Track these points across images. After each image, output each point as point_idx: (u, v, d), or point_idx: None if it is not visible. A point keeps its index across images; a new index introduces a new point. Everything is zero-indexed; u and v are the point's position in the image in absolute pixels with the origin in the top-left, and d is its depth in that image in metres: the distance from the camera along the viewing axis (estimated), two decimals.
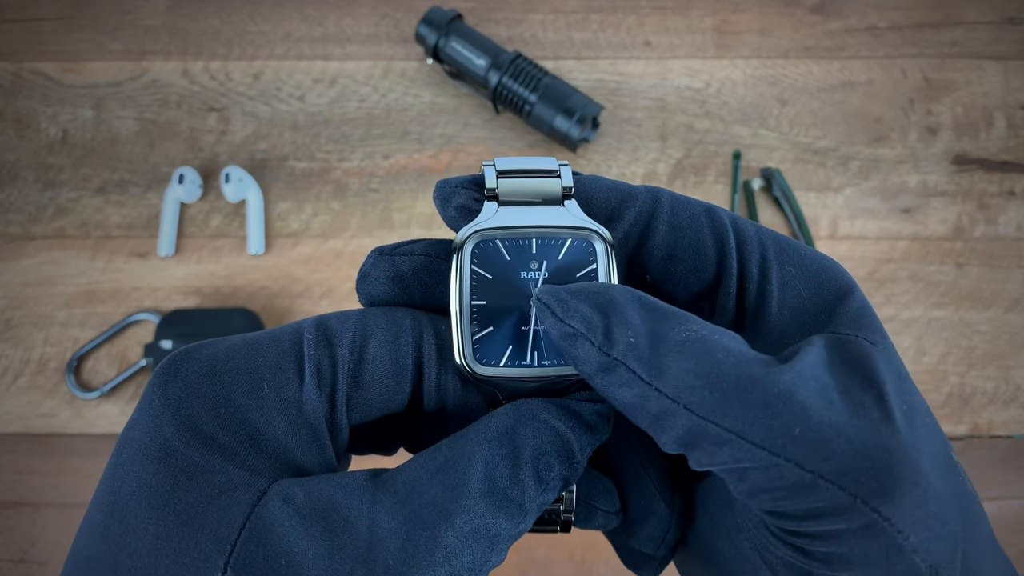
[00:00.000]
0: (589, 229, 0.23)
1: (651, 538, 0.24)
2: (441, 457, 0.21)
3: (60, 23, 0.81)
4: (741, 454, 0.19)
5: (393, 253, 0.24)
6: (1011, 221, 0.75)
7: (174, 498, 0.19)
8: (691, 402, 0.19)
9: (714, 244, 0.23)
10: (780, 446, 0.18)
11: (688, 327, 0.20)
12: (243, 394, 0.21)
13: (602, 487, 0.24)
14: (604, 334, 0.20)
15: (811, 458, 0.18)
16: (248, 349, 0.21)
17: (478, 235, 0.23)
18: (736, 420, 0.19)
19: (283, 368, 0.21)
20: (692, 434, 0.19)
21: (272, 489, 0.20)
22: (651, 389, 0.19)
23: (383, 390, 0.22)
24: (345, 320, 0.22)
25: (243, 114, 0.78)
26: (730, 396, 0.19)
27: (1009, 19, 0.80)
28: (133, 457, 0.20)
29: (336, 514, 0.19)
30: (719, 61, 0.79)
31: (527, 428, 0.21)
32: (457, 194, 0.24)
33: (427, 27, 0.75)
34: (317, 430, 0.21)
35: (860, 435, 0.18)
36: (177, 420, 0.20)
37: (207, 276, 0.74)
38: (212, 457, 0.20)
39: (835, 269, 0.23)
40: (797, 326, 0.23)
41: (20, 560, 0.69)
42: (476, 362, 0.23)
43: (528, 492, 0.20)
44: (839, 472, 0.18)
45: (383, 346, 0.22)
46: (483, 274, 0.23)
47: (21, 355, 0.72)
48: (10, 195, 0.76)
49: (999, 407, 0.71)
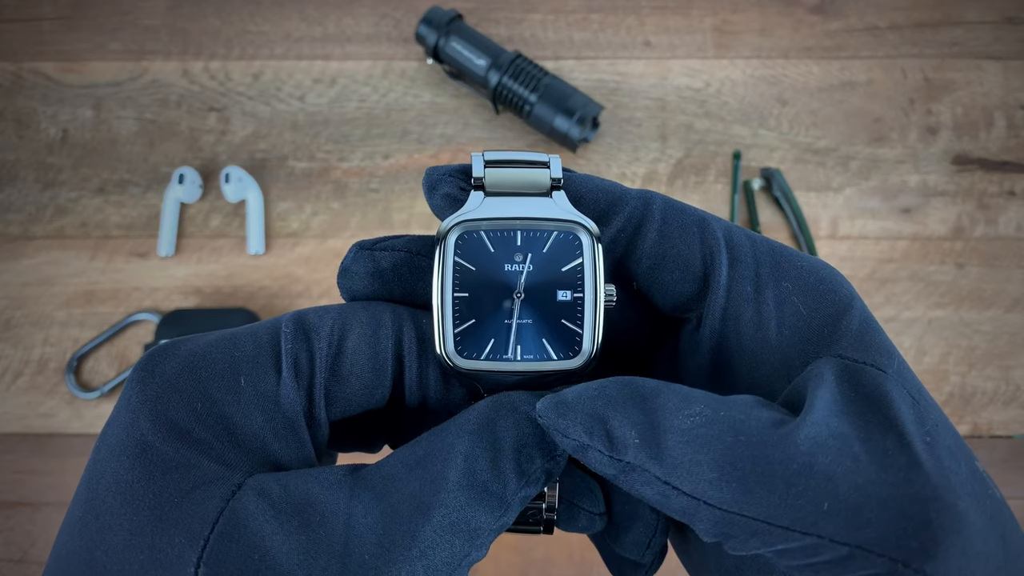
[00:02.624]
0: (575, 222, 0.23)
1: (636, 543, 0.24)
2: (420, 451, 0.21)
3: (60, 23, 0.81)
4: (773, 539, 0.18)
5: (374, 248, 0.24)
6: (1011, 221, 0.75)
7: (148, 493, 0.19)
8: (712, 497, 0.18)
9: (701, 257, 0.23)
10: (811, 524, 0.18)
11: (691, 411, 0.19)
12: (220, 388, 0.21)
13: (586, 487, 0.24)
14: (608, 440, 0.19)
15: (845, 530, 0.18)
16: (226, 344, 0.21)
17: (462, 226, 0.23)
18: (762, 507, 0.18)
19: (260, 362, 0.21)
20: (720, 527, 0.19)
21: (247, 484, 0.19)
22: (670, 488, 0.19)
23: (362, 384, 0.22)
24: (324, 314, 0.22)
25: (243, 114, 0.78)
26: (751, 484, 0.18)
27: (1009, 19, 0.80)
28: (111, 453, 0.20)
29: (312, 509, 0.19)
30: (719, 61, 0.79)
31: (507, 420, 0.21)
32: (444, 182, 0.24)
33: (427, 27, 0.75)
34: (295, 424, 0.21)
35: (891, 492, 0.18)
36: (153, 416, 0.20)
37: (207, 276, 0.74)
38: (187, 452, 0.20)
39: (834, 280, 0.23)
40: (799, 346, 0.22)
41: (20, 560, 0.69)
42: (457, 355, 0.23)
43: (509, 485, 0.20)
44: (877, 540, 0.17)
45: (362, 340, 0.22)
46: (466, 266, 0.23)
47: (21, 355, 0.72)
48: (10, 195, 0.76)
49: (999, 407, 0.71)
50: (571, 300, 0.23)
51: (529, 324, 0.23)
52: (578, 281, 0.23)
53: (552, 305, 0.23)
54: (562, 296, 0.23)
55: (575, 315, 0.23)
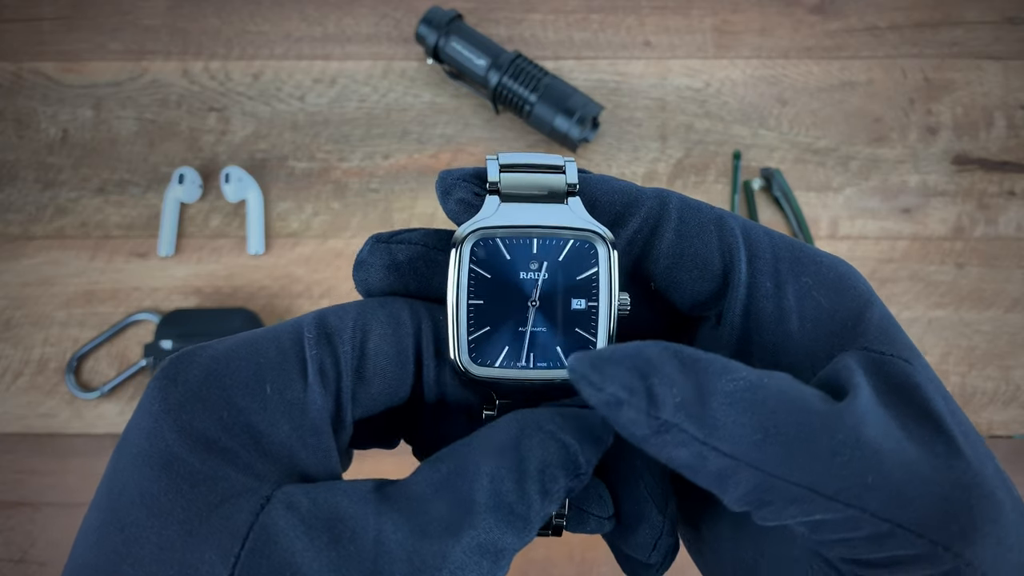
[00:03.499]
0: (591, 231, 0.23)
1: (642, 545, 0.24)
2: (445, 468, 0.20)
3: (60, 23, 0.81)
4: (814, 508, 0.18)
5: (390, 241, 0.24)
6: (1011, 221, 0.75)
7: (176, 507, 0.18)
8: (754, 459, 0.18)
9: (720, 255, 0.23)
10: (855, 496, 0.17)
11: (735, 375, 0.19)
12: (245, 396, 0.20)
13: (596, 493, 0.24)
14: (648, 397, 0.18)
15: (888, 507, 0.17)
16: (248, 350, 0.21)
17: (478, 233, 0.23)
18: (805, 473, 0.18)
19: (286, 369, 0.21)
20: (758, 491, 0.18)
21: (276, 496, 0.19)
22: (708, 448, 0.18)
23: (386, 384, 0.22)
24: (344, 316, 0.22)
25: (243, 114, 0.78)
26: (795, 448, 0.18)
27: (1009, 19, 0.80)
28: (133, 464, 0.19)
29: (342, 524, 0.19)
30: (719, 61, 0.79)
31: (532, 440, 0.21)
32: (458, 187, 0.24)
33: (427, 27, 0.75)
34: (322, 432, 0.21)
35: (934, 475, 0.18)
36: (178, 426, 0.19)
37: (207, 276, 0.74)
38: (215, 463, 0.19)
39: (853, 276, 0.23)
40: (824, 340, 0.22)
41: (20, 560, 0.69)
42: (471, 362, 0.23)
43: (534, 506, 0.20)
44: (919, 520, 0.17)
45: (383, 339, 0.22)
46: (482, 273, 0.23)
47: (21, 355, 0.72)
48: (10, 195, 0.76)
49: (999, 407, 0.71)
50: (585, 309, 0.23)
51: (543, 332, 0.23)
52: (593, 290, 0.23)
53: (567, 313, 0.23)
54: (577, 304, 0.23)
55: (589, 324, 0.23)
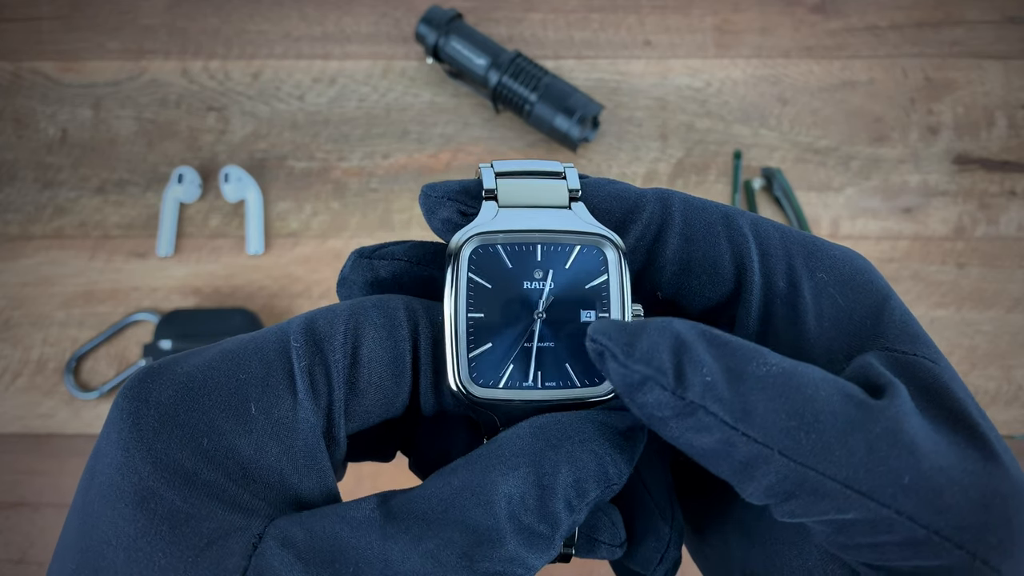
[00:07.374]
0: (600, 235, 0.21)
1: (647, 559, 0.22)
2: (457, 483, 0.19)
3: (59, 23, 0.81)
4: (846, 505, 0.17)
5: (372, 256, 0.22)
6: (1012, 221, 0.75)
7: (156, 551, 0.17)
8: (786, 447, 0.17)
9: (732, 257, 0.21)
10: (890, 496, 0.16)
11: (767, 360, 0.17)
12: (227, 418, 0.18)
13: (607, 519, 0.22)
14: (676, 376, 0.17)
15: (925, 511, 0.16)
16: (228, 364, 0.19)
17: (477, 239, 0.21)
18: (840, 466, 0.16)
19: (271, 384, 0.19)
20: (787, 483, 0.17)
21: (269, 532, 0.17)
22: (737, 434, 0.17)
23: (381, 395, 0.20)
24: (334, 319, 0.20)
25: (242, 114, 0.78)
26: (830, 438, 0.16)
27: (1010, 18, 0.80)
28: (104, 499, 0.17)
29: (343, 557, 0.17)
30: (720, 60, 0.79)
31: (559, 453, 0.19)
32: (443, 206, 0.22)
33: (427, 26, 0.75)
34: (315, 452, 0.19)
35: (973, 481, 0.17)
36: (152, 456, 0.17)
37: (206, 276, 0.74)
38: (197, 499, 0.17)
39: (869, 270, 0.21)
40: (843, 338, 0.20)
41: (19, 560, 0.69)
42: (472, 383, 0.20)
43: (560, 526, 0.18)
44: (956, 528, 0.16)
45: (378, 344, 0.20)
46: (482, 283, 0.21)
47: (20, 355, 0.72)
48: (9, 195, 0.76)
49: (1001, 407, 0.71)
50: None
51: (551, 348, 0.21)
52: (603, 300, 0.21)
53: (575, 326, 0.21)
54: (586, 316, 0.21)
55: None
